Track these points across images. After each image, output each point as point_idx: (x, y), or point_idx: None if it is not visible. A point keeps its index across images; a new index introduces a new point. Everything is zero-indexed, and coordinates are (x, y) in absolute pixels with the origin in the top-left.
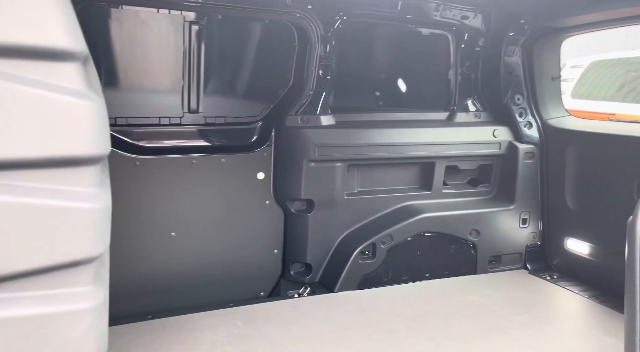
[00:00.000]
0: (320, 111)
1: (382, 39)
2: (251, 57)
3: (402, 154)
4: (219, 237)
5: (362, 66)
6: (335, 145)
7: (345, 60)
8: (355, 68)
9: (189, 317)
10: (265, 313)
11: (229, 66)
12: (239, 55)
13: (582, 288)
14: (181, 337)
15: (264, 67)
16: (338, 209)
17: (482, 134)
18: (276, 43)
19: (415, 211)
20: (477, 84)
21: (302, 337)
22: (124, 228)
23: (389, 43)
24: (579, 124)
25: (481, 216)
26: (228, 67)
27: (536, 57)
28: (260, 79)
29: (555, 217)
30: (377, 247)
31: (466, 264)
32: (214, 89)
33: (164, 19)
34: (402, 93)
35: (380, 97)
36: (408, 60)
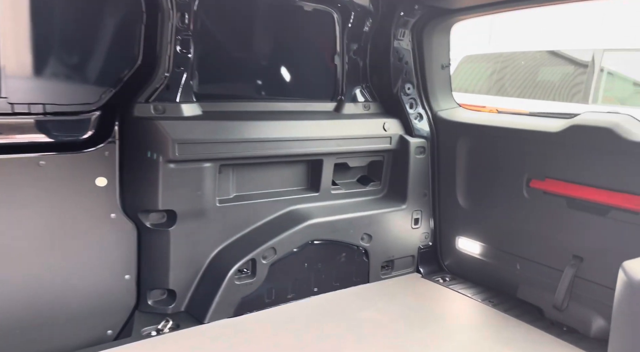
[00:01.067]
0: (181, 98)
1: (258, 10)
2: (79, 23)
3: (285, 151)
4: (45, 264)
5: (234, 43)
6: (203, 140)
7: (212, 35)
8: (225, 45)
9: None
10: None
11: (47, 32)
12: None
13: (475, 291)
14: None
15: (99, 38)
16: (208, 219)
17: (372, 127)
18: (114, 9)
19: (302, 216)
20: (365, 71)
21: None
22: None
23: (266, 16)
24: (468, 117)
25: (373, 218)
26: (45, 34)
27: (426, 42)
28: (95, 54)
29: (446, 216)
30: (257, 263)
31: (358, 273)
32: (24, 64)
33: None
34: (283, 79)
35: (258, 83)
36: (289, 40)
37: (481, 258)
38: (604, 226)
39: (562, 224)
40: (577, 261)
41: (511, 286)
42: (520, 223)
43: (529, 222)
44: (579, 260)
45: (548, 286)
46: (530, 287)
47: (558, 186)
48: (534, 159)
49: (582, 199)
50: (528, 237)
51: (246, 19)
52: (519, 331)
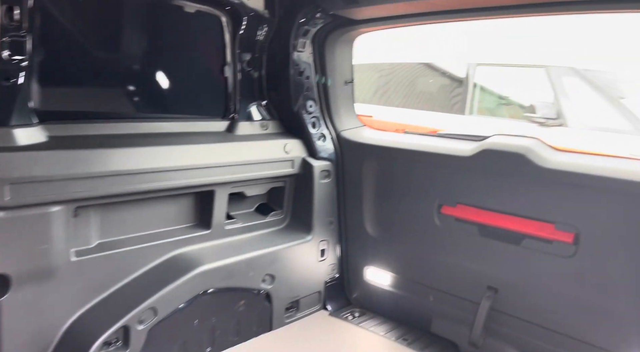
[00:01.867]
0: (14, 121)
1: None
2: None
3: (166, 184)
4: None
5: (92, 48)
6: (48, 178)
7: (60, 36)
8: (80, 50)
9: None
10: None
11: None
12: None
13: (388, 327)
14: None
15: None
16: (59, 280)
17: (272, 150)
18: None
19: (190, 262)
20: (262, 86)
21: None
22: None
23: (135, 15)
24: (374, 137)
25: (276, 255)
26: None
27: (329, 54)
28: None
29: (354, 245)
30: (131, 331)
31: (259, 321)
32: None
33: None
34: (160, 94)
35: (127, 99)
36: (165, 45)
37: (392, 290)
38: (518, 255)
39: (475, 253)
40: (492, 293)
41: (425, 320)
42: (432, 252)
43: (441, 251)
44: (494, 291)
45: (463, 320)
46: (445, 321)
47: (470, 213)
48: (445, 183)
49: (494, 227)
50: (441, 267)
51: (107, 17)
52: None
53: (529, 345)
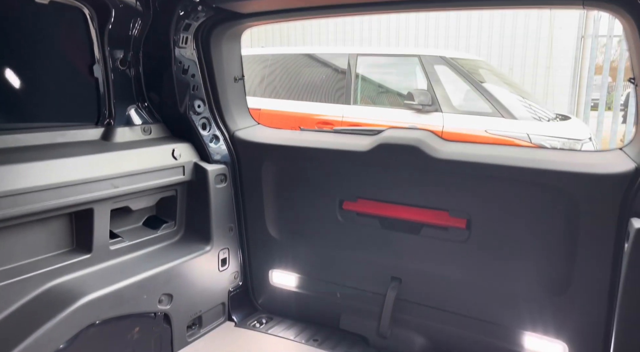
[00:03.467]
0: None
1: None
2: None
3: (32, 207)
4: None
5: None
6: None
7: None
8: None
9: None
10: None
11: None
12: None
13: (297, 330)
14: None
15: None
16: None
17: (159, 156)
18: None
19: (69, 294)
20: (140, 85)
21: None
22: None
23: None
24: (269, 136)
25: (172, 272)
26: None
27: (214, 50)
28: None
29: (256, 249)
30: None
31: (159, 346)
32: None
33: None
34: (19, 100)
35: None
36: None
37: (299, 291)
38: (418, 245)
39: (378, 245)
40: (397, 283)
41: (334, 318)
42: (336, 248)
43: (345, 246)
44: (398, 281)
45: (371, 313)
46: (353, 315)
47: (370, 206)
48: (344, 179)
49: (394, 218)
50: (346, 262)
51: None
52: None
53: (434, 330)
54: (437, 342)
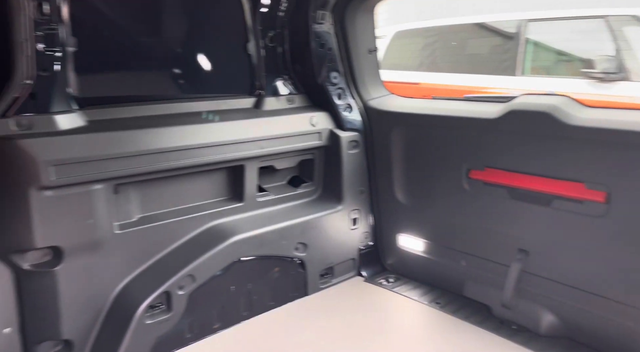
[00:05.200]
0: (55, 107)
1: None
2: None
3: (197, 160)
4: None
5: (122, 35)
6: (87, 158)
7: (90, 26)
8: (110, 38)
9: None
10: None
11: None
12: None
13: (421, 291)
14: None
15: None
16: (106, 251)
17: (299, 123)
18: None
19: (225, 232)
20: (285, 60)
21: None
22: None
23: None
24: (401, 105)
25: (307, 225)
26: None
27: (349, 24)
28: None
29: (386, 213)
30: (172, 296)
31: (295, 287)
32: None
33: None
34: (188, 75)
35: (158, 81)
36: (192, 28)
37: (424, 256)
38: (548, 217)
39: (505, 216)
40: (523, 255)
41: (457, 284)
42: (462, 217)
43: (471, 215)
44: (525, 254)
45: (495, 283)
46: (477, 284)
47: (498, 176)
48: (472, 148)
49: (523, 189)
50: (471, 231)
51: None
52: (468, 336)
53: (561, 305)
54: (567, 321)
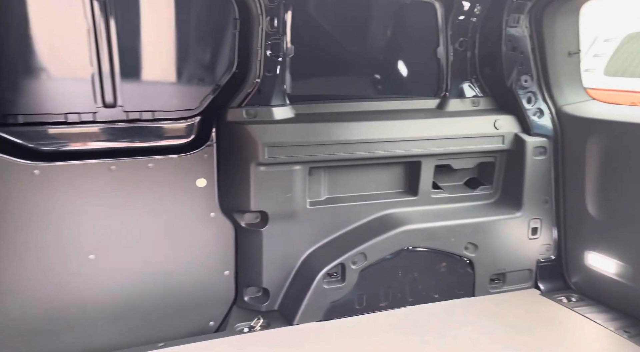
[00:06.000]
0: (273, 101)
1: (350, 9)
2: (182, 36)
3: (380, 153)
4: (153, 257)
5: (327, 44)
6: (292, 143)
7: (304, 36)
8: (319, 46)
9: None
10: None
11: (153, 48)
12: (166, 34)
13: (608, 317)
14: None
15: (200, 48)
16: (299, 221)
17: (481, 125)
18: (212, 17)
19: (396, 221)
20: (474, 64)
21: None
22: (23, 254)
23: (360, 14)
24: (603, 111)
25: (480, 227)
26: (152, 49)
27: (547, 27)
28: (196, 64)
29: (573, 226)
30: (347, 268)
31: (461, 285)
32: (136, 77)
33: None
34: (381, 77)
35: (355, 83)
36: (385, 36)
37: (618, 279)
38: None
39: None
40: None
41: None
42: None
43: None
44: None
45: None
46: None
47: None
48: None
49: None
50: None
51: (340, 18)
52: None
53: None
54: None
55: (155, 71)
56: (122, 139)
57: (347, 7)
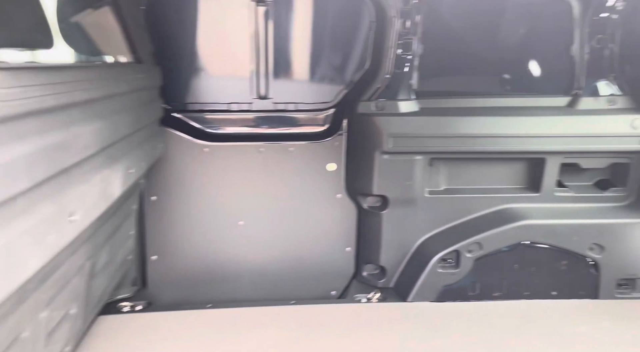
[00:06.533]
0: (400, 96)
1: (482, 9)
2: (324, 38)
3: (501, 148)
4: (288, 229)
5: (457, 43)
6: (414, 135)
7: (435, 37)
8: (449, 44)
9: (246, 310)
10: (324, 317)
11: (301, 49)
12: (311, 37)
13: None
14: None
15: (338, 48)
16: (417, 208)
17: (616, 125)
18: (350, 21)
19: (515, 215)
20: (613, 61)
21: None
22: (192, 214)
23: (492, 14)
24: None
25: (608, 228)
26: (300, 50)
27: None
28: (334, 62)
29: None
30: (461, 256)
31: (583, 286)
32: (285, 73)
33: (231, 2)
34: (509, 74)
35: (482, 79)
36: (516, 34)
37: None
38: None
39: None
40: None
41: None
42: None
43: None
44: None
45: None
46: None
47: None
48: None
49: None
50: None
51: (471, 17)
52: None
53: None
54: None
55: (300, 69)
56: (269, 126)
57: (480, 7)
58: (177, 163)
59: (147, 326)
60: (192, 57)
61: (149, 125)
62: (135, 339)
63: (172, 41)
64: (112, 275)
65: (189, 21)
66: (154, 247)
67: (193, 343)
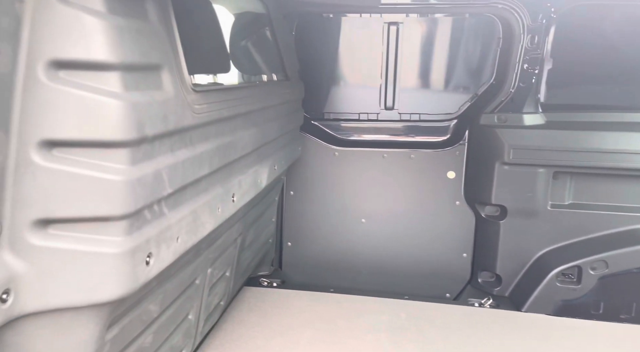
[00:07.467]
0: (525, 109)
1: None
2: (450, 54)
3: (632, 165)
4: (407, 230)
5: (587, 57)
6: (537, 148)
7: (564, 52)
8: (578, 60)
9: (363, 298)
10: (434, 313)
11: (427, 64)
12: (438, 52)
13: None
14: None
15: (464, 63)
16: (538, 220)
17: None
18: (477, 37)
19: None
20: None
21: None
22: (322, 210)
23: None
24: None
25: None
26: (426, 65)
27: None
28: (459, 76)
29: None
30: (583, 272)
31: None
32: (411, 86)
33: (366, 22)
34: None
35: (610, 94)
36: None
37: None
38: None
39: None
40: None
41: None
42: None
43: None
44: None
45: None
46: None
47: None
48: None
49: None
50: None
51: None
52: None
53: None
54: None
55: (425, 82)
56: (393, 134)
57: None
58: (312, 164)
59: (280, 300)
60: (330, 74)
61: (291, 131)
62: (272, 309)
63: (314, 60)
64: (256, 252)
65: (329, 43)
66: (290, 235)
67: (317, 318)
